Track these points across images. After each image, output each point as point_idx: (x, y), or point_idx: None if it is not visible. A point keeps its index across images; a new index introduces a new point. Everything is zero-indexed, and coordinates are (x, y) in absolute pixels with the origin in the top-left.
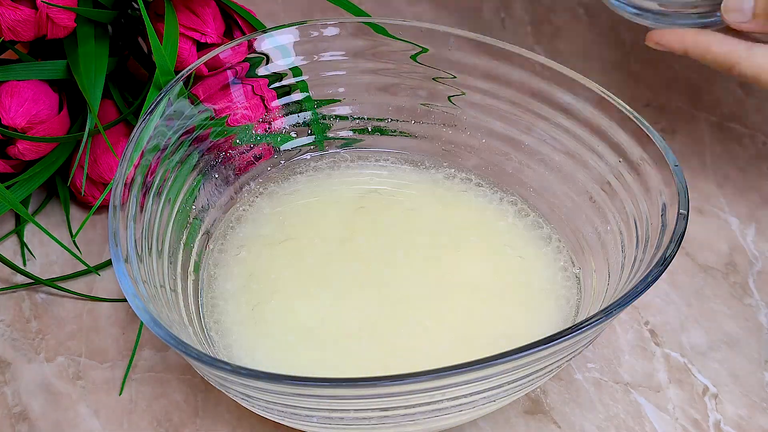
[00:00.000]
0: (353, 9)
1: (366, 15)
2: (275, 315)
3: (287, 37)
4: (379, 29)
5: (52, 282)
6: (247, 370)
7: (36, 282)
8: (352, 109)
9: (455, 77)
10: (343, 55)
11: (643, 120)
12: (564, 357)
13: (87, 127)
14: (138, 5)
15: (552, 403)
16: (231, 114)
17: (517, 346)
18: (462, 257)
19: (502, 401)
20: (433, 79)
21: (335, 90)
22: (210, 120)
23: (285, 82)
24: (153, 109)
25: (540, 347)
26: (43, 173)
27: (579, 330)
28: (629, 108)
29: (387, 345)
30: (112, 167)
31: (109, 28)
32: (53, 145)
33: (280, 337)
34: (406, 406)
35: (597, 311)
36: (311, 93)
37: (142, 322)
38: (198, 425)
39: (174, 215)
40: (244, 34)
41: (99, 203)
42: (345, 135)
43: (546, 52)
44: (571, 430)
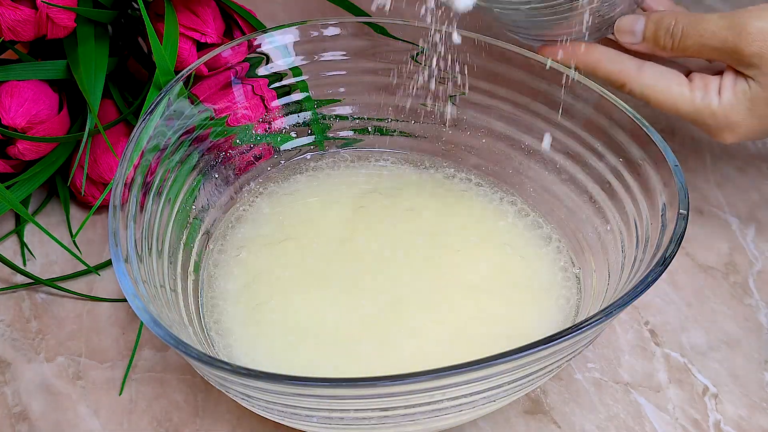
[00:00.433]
0: (353, 9)
1: (366, 15)
2: (275, 315)
3: (287, 37)
4: (379, 29)
5: (52, 282)
6: (247, 370)
7: (36, 282)
8: (352, 109)
9: (455, 77)
10: (344, 55)
11: (643, 120)
12: (564, 357)
13: (87, 127)
14: (138, 5)
15: (552, 403)
16: (231, 114)
17: (517, 346)
18: (462, 257)
19: (502, 401)
20: (434, 79)
21: (335, 90)
22: (210, 120)
23: (285, 82)
24: (153, 109)
25: (540, 347)
26: (43, 173)
27: (579, 330)
28: (629, 108)
29: (387, 345)
30: (112, 167)
31: (109, 28)
32: (53, 145)
33: (280, 337)
34: (406, 406)
35: (597, 311)
36: (311, 93)
37: (142, 322)
38: (198, 425)
39: (174, 215)
40: (244, 34)
41: (99, 203)
42: (345, 135)
43: None
44: (571, 430)
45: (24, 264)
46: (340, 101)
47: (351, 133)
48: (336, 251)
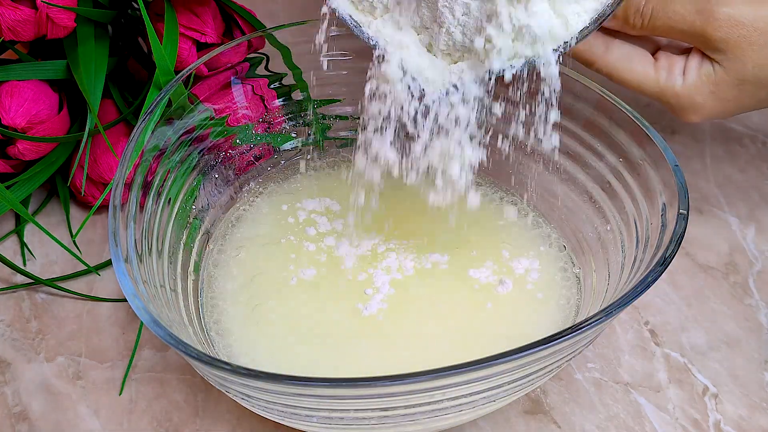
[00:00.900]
0: None
1: None
2: (275, 315)
3: (287, 37)
4: None
5: (52, 282)
6: (247, 370)
7: (36, 282)
8: (352, 109)
9: None
10: (344, 55)
11: (643, 120)
12: (564, 357)
13: (87, 127)
14: (138, 5)
15: (552, 403)
16: (231, 114)
17: (517, 346)
18: (462, 257)
19: (502, 401)
20: None
21: (335, 90)
22: (210, 120)
23: (285, 82)
24: (153, 109)
25: (540, 347)
26: (43, 173)
27: (579, 330)
28: (629, 108)
29: (387, 345)
30: (112, 167)
31: (109, 28)
32: (53, 145)
33: (279, 337)
34: (406, 406)
35: (597, 311)
36: (311, 93)
37: (142, 322)
38: (198, 425)
39: (174, 215)
40: (244, 34)
41: (99, 203)
42: (345, 135)
43: None
44: (571, 430)
45: (24, 264)
46: (339, 101)
47: (351, 133)
48: (335, 251)
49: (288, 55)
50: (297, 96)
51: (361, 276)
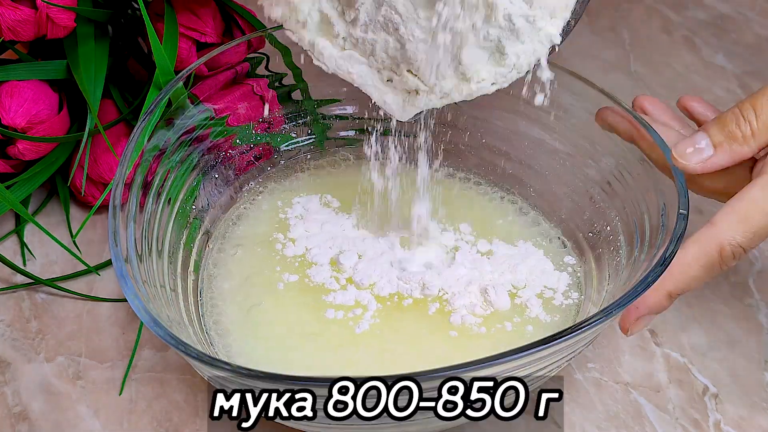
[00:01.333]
0: None
1: None
2: (274, 315)
3: (287, 37)
4: None
5: (52, 282)
6: (247, 370)
7: (36, 282)
8: (352, 109)
9: None
10: None
11: (644, 120)
12: (564, 357)
13: (87, 127)
14: (138, 5)
15: (552, 403)
16: (231, 114)
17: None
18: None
19: None
20: None
21: (335, 90)
22: (210, 120)
23: (285, 82)
24: (153, 109)
25: (540, 347)
26: (43, 173)
27: (579, 330)
28: (629, 108)
29: (385, 344)
30: (112, 167)
31: (109, 28)
32: (53, 145)
33: (278, 338)
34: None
35: (597, 311)
36: (311, 93)
37: (142, 322)
38: (198, 425)
39: (174, 215)
40: (244, 34)
41: (99, 203)
42: (345, 135)
43: None
44: (571, 430)
45: (24, 264)
46: (339, 101)
47: (351, 133)
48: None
49: (288, 55)
50: (297, 96)
51: (360, 276)
